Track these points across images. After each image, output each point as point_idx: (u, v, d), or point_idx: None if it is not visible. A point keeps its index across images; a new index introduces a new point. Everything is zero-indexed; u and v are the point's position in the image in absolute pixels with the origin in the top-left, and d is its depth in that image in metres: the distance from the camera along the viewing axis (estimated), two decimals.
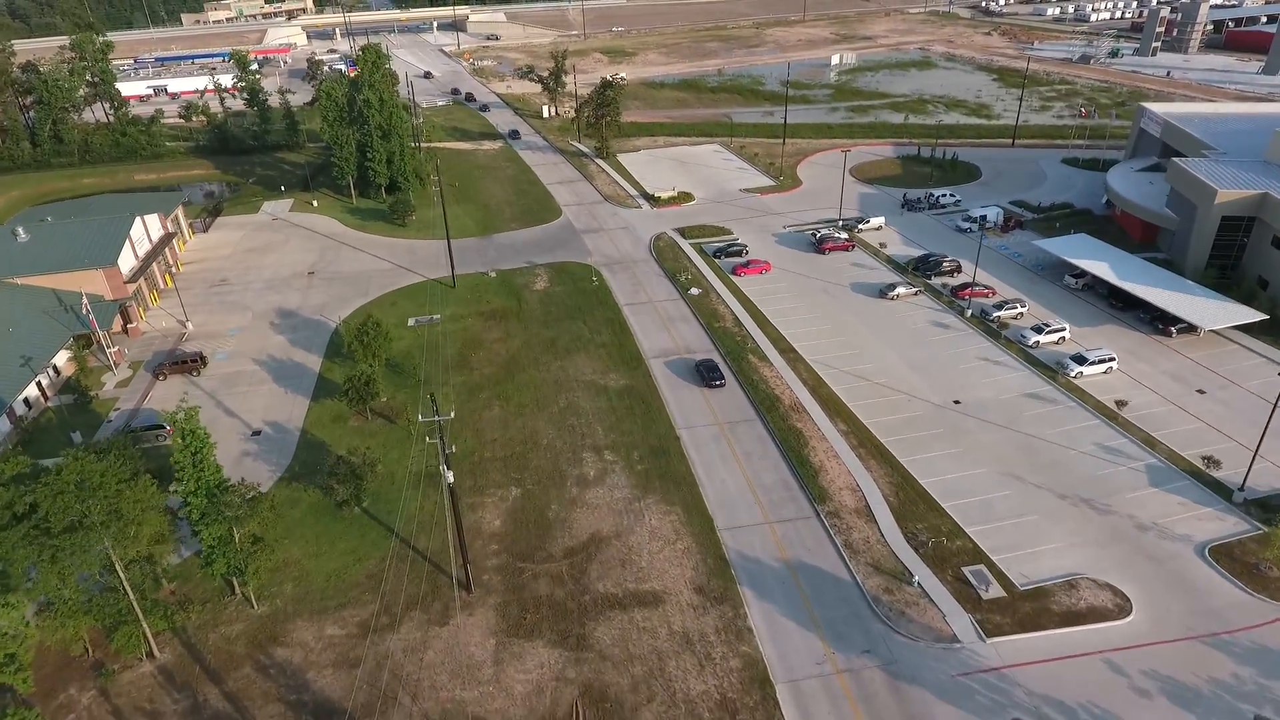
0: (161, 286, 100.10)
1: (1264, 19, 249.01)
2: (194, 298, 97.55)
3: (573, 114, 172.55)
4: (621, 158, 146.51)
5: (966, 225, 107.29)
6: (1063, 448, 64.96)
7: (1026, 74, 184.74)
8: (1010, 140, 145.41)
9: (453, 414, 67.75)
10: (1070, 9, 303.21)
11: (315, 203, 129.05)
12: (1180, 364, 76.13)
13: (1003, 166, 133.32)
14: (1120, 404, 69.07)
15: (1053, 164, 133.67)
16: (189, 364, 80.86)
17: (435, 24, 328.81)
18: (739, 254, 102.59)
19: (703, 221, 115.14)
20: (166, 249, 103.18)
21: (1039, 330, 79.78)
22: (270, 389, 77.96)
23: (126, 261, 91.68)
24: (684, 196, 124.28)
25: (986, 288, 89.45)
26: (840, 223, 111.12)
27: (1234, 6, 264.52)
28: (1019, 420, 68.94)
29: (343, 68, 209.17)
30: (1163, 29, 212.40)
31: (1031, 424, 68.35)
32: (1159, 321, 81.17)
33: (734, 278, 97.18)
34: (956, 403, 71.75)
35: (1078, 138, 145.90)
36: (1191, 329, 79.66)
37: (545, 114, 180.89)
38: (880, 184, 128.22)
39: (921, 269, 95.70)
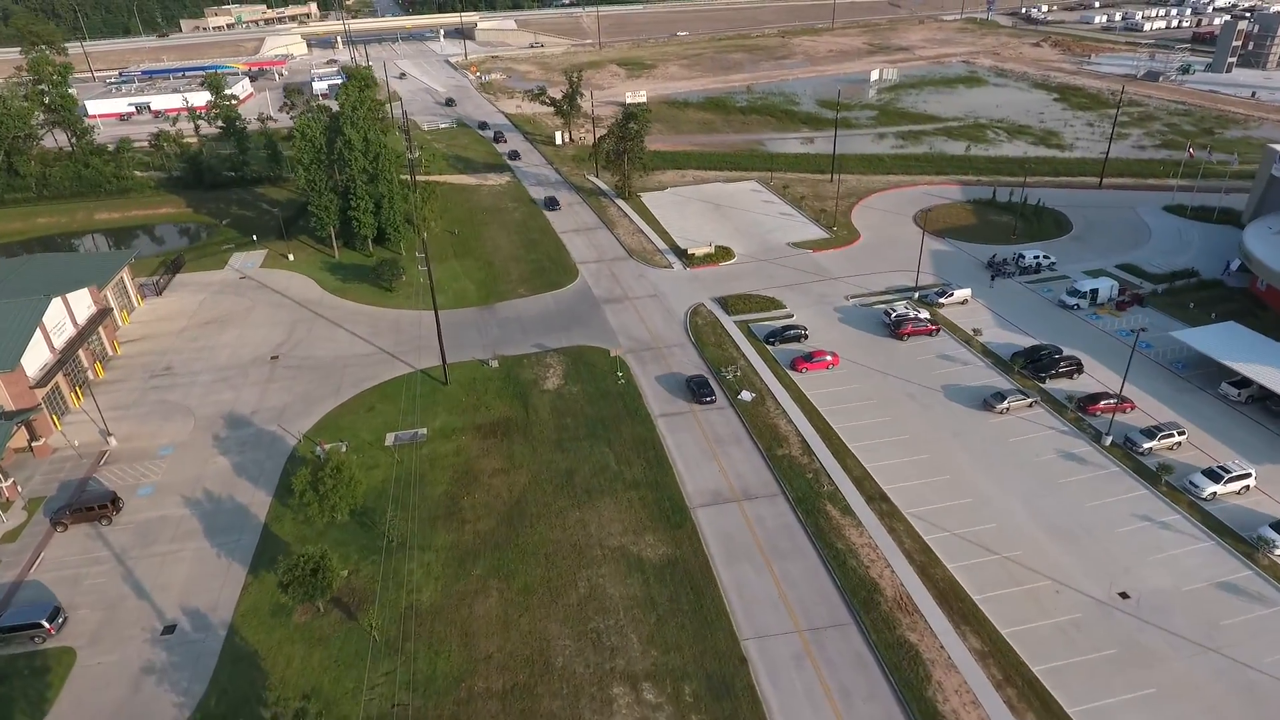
0: (93, 377, 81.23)
1: None
2: (127, 395, 78.50)
3: (589, 139, 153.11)
4: (645, 198, 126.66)
5: (1074, 302, 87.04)
6: None
7: (1117, 98, 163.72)
8: (1098, 180, 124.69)
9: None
10: (1118, 17, 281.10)
11: (291, 256, 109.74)
12: None
13: (1094, 215, 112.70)
14: None
15: (1153, 212, 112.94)
16: (98, 510, 61.74)
17: (441, 32, 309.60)
18: (797, 339, 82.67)
19: (747, 288, 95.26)
20: (101, 328, 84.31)
21: (1215, 477, 59.62)
22: (197, 550, 58.71)
23: (37, 358, 72.75)
24: (722, 253, 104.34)
25: (1124, 400, 69.32)
26: (917, 294, 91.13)
27: None
28: (1220, 633, 48.98)
29: (326, 88, 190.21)
30: (1239, 42, 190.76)
31: (1240, 640, 48.44)
32: None
33: (793, 374, 77.31)
34: (1124, 596, 51.86)
35: (1172, 175, 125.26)
36: None
37: (559, 140, 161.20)
38: (952, 236, 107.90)
39: (1032, 367, 75.50)
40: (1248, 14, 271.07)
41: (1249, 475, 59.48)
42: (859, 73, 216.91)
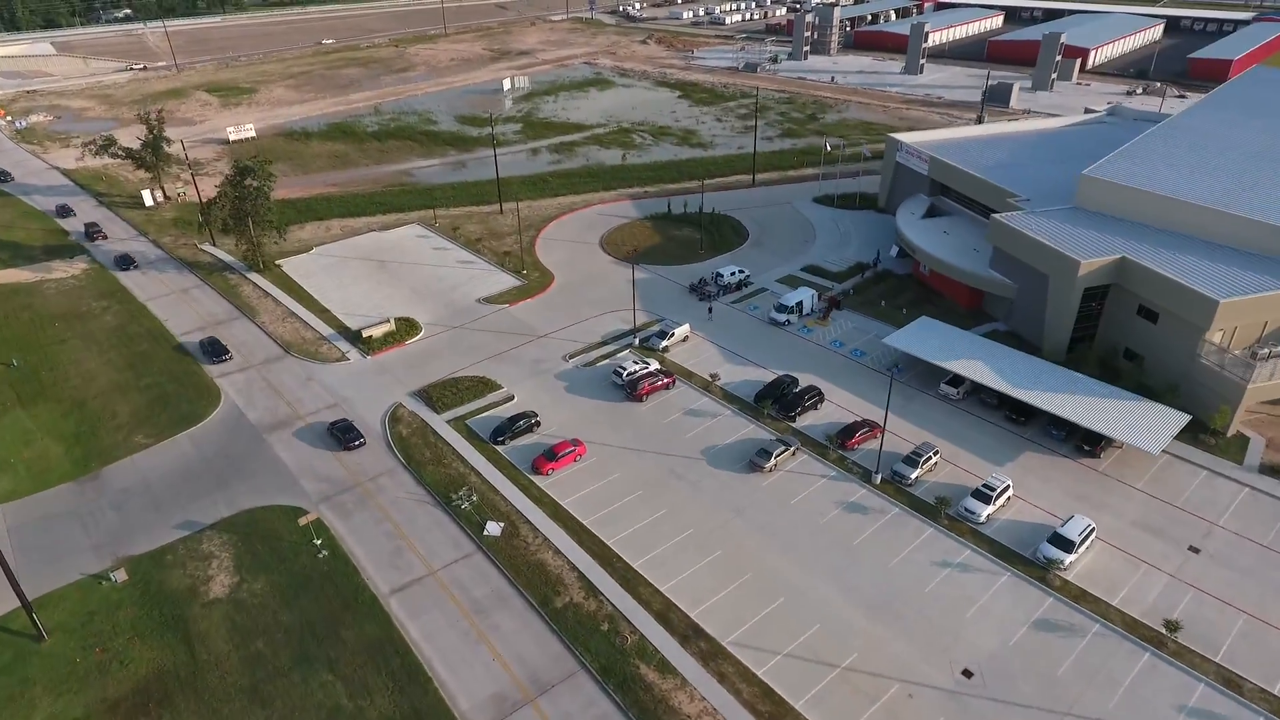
0: None
1: (888, 14, 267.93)
2: None
3: (192, 192, 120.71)
4: (288, 266, 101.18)
5: (783, 318, 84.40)
6: None
7: (751, 102, 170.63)
8: (750, 179, 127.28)
9: None
10: (701, 12, 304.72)
11: None
12: (1138, 505, 59.58)
13: (760, 216, 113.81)
14: (1171, 627, 49.36)
15: (807, 205, 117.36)
16: None
17: None
18: (529, 429, 68.35)
19: (449, 368, 78.14)
20: None
21: (984, 498, 58.29)
22: None
23: None
24: (405, 327, 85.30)
25: (873, 426, 66.64)
26: (637, 339, 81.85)
27: (857, 4, 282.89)
28: (1061, 689, 46.04)
29: None
30: (809, 33, 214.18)
31: (1079, 690, 45.90)
32: (1084, 444, 64.64)
33: (538, 479, 63.18)
34: (968, 675, 47.02)
35: (806, 165, 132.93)
36: (1111, 443, 64.43)
37: (149, 200, 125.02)
38: (645, 261, 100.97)
39: (778, 407, 70.19)
40: (798, 5, 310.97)
41: (1006, 485, 59.25)
42: (489, 82, 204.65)
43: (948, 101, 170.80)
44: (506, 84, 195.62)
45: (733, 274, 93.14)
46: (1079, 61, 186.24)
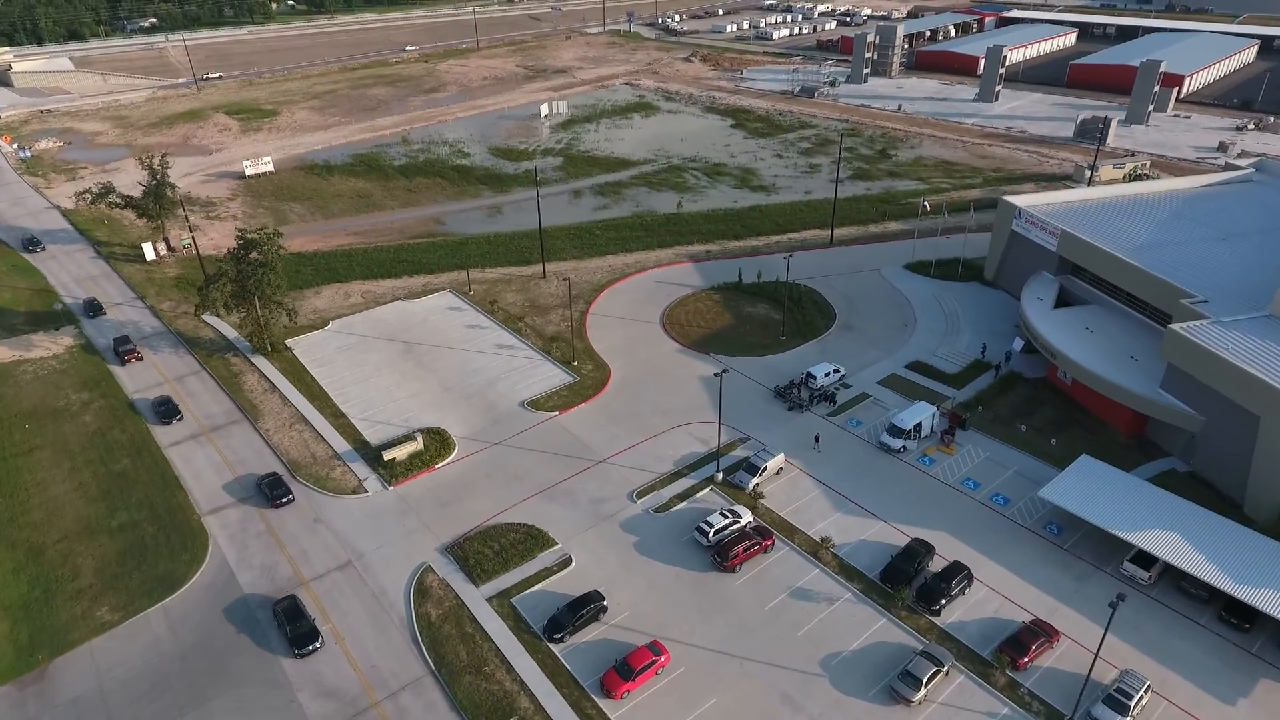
0: None
1: (947, 30, 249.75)
2: None
3: (192, 246, 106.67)
4: (300, 346, 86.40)
5: (898, 444, 68.00)
6: None
7: (837, 137, 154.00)
8: (828, 236, 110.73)
9: None
10: (746, 25, 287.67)
11: None
12: None
13: (845, 287, 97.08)
14: None
15: (898, 273, 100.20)
16: None
17: None
18: (595, 617, 52.75)
19: (487, 508, 62.65)
20: None
21: None
22: None
23: None
24: (435, 445, 69.76)
25: (1049, 633, 50.12)
26: (720, 474, 65.94)
27: (909, 17, 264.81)
28: None
29: None
30: (871, 54, 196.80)
31: None
32: None
33: (610, 705, 47.52)
34: None
35: (881, 215, 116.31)
36: None
37: (150, 253, 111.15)
38: (717, 348, 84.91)
39: (917, 594, 53.93)
40: (848, 18, 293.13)
41: None
42: (525, 106, 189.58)
43: (1034, 137, 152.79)
44: (544, 109, 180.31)
45: (827, 375, 76.81)
46: (1175, 90, 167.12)
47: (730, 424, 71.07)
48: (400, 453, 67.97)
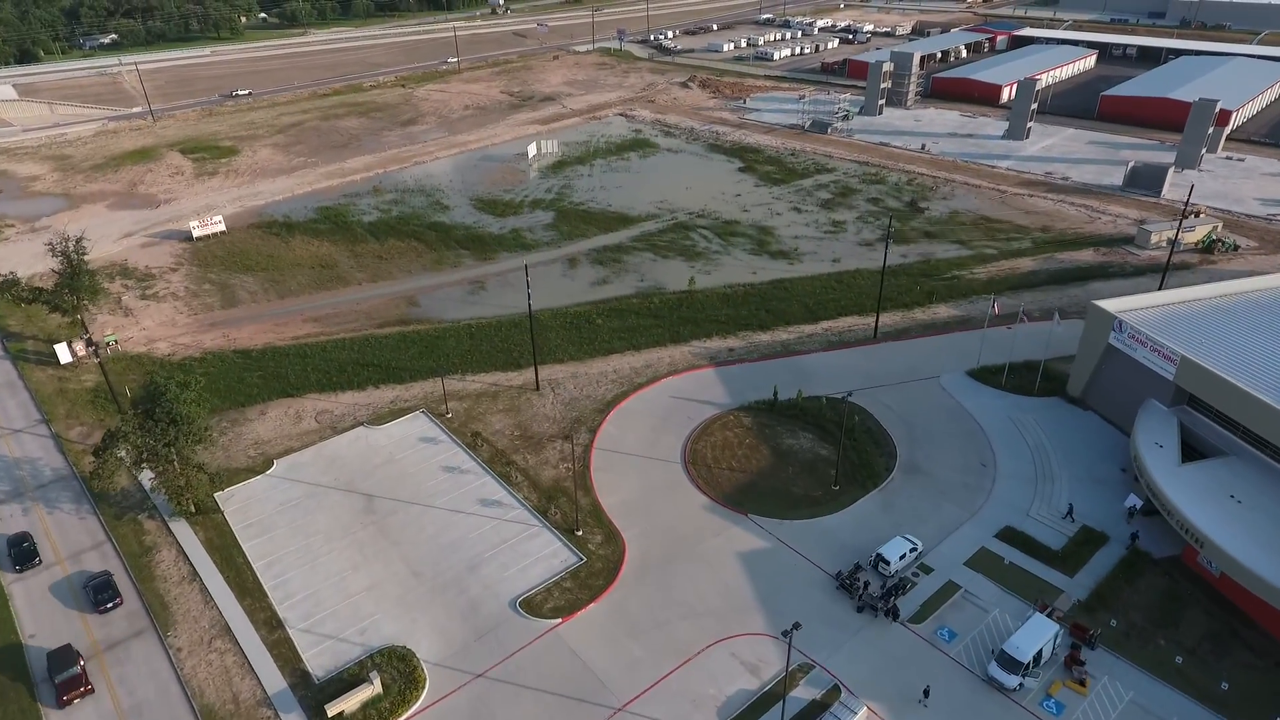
0: None
1: (958, 51, 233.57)
2: None
3: (124, 343, 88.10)
4: (232, 506, 68.02)
5: (1014, 681, 50.76)
6: None
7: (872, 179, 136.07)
8: (871, 328, 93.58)
9: None
10: (744, 43, 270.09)
11: None
12: None
13: (901, 405, 79.54)
14: None
15: (962, 386, 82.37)
16: None
17: None
18: None
19: None
20: None
21: None
22: None
23: None
24: (400, 679, 52.09)
25: None
26: None
27: (911, 39, 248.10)
28: None
29: None
30: (887, 84, 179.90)
31: None
32: None
33: None
34: None
35: (923, 291, 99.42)
36: None
37: (64, 355, 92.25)
38: (752, 500, 67.62)
39: None
40: (850, 36, 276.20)
41: None
42: (511, 144, 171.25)
43: (1078, 185, 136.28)
44: (532, 149, 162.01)
45: (903, 556, 59.78)
46: (1224, 129, 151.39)
47: (775, 617, 53.81)
48: (350, 703, 50.15)
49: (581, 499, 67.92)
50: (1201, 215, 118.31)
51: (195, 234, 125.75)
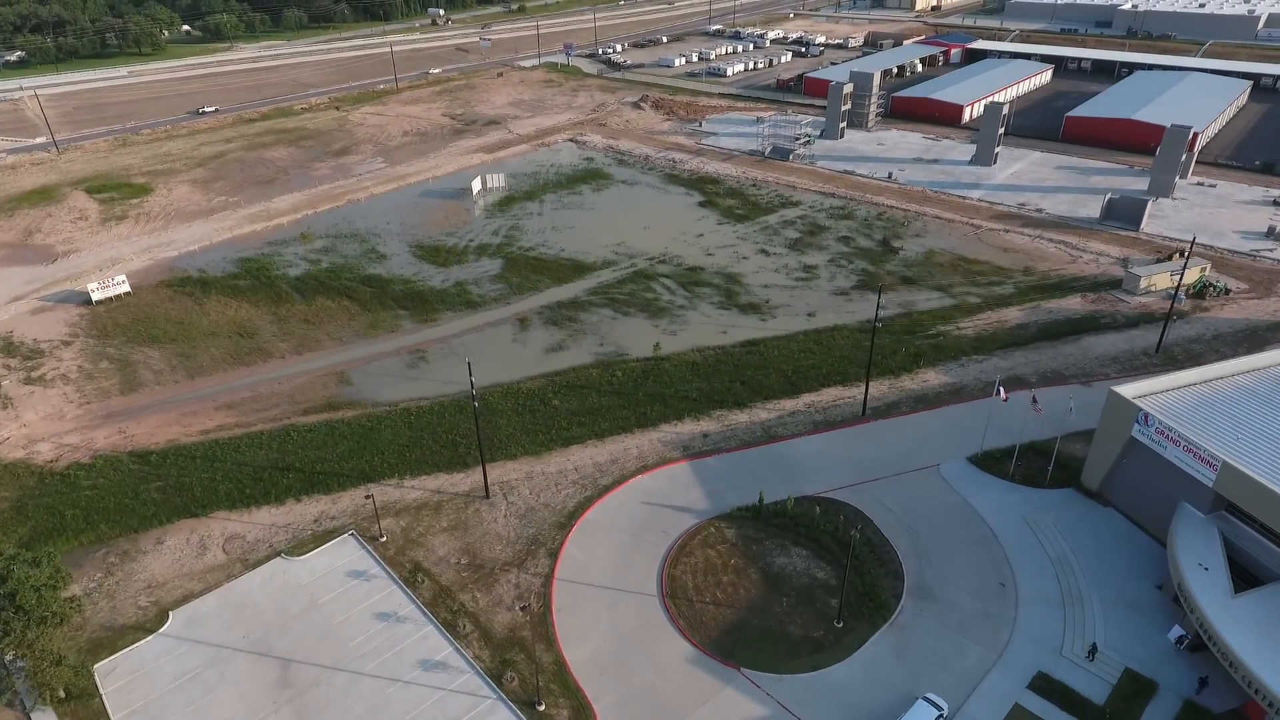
0: None
1: (914, 65, 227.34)
2: None
3: (7, 437, 73.96)
4: (112, 676, 54.66)
5: None
6: None
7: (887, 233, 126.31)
8: (858, 404, 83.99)
9: None
10: (695, 58, 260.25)
11: None
12: None
13: (901, 506, 69.64)
14: None
15: (964, 472, 73.24)
16: None
17: None
18: None
19: None
20: None
21: None
22: None
23: None
24: None
25: None
26: None
27: (865, 53, 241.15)
28: None
29: None
30: (847, 106, 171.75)
31: None
32: None
33: None
34: None
35: (916, 365, 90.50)
36: None
37: None
38: (743, 646, 57.26)
39: None
40: (804, 50, 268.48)
41: None
42: (454, 176, 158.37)
43: (1053, 218, 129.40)
44: (476, 184, 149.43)
45: (939, 718, 50.16)
46: (1193, 153, 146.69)
47: None
48: None
49: (543, 654, 56.66)
50: (1183, 255, 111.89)
51: (95, 297, 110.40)
